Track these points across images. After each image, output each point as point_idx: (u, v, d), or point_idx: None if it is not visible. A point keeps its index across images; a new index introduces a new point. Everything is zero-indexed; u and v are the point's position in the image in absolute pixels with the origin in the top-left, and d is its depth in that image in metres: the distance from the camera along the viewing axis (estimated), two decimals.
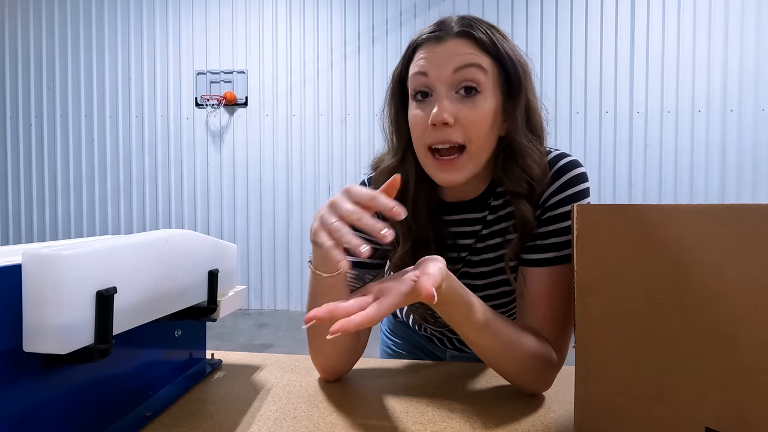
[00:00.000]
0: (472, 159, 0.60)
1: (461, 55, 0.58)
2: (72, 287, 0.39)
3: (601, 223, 0.44)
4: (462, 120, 0.58)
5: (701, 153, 3.74)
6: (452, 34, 0.59)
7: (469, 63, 0.58)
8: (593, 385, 0.46)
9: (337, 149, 4.05)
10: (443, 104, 0.58)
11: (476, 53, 0.59)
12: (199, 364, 0.71)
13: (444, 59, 0.59)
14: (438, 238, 0.67)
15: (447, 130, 0.58)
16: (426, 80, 0.59)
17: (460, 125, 0.58)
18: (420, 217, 0.66)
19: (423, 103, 0.61)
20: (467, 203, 0.68)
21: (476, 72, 0.58)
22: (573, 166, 0.63)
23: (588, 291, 0.45)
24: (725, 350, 0.38)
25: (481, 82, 0.58)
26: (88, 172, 4.23)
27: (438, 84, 0.59)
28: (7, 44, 4.23)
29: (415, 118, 0.61)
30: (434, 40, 0.60)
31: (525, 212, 0.61)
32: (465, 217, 0.69)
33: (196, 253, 0.61)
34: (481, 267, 0.69)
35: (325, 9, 4.04)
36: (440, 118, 0.57)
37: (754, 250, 0.36)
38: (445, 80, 0.58)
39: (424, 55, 0.60)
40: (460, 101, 0.59)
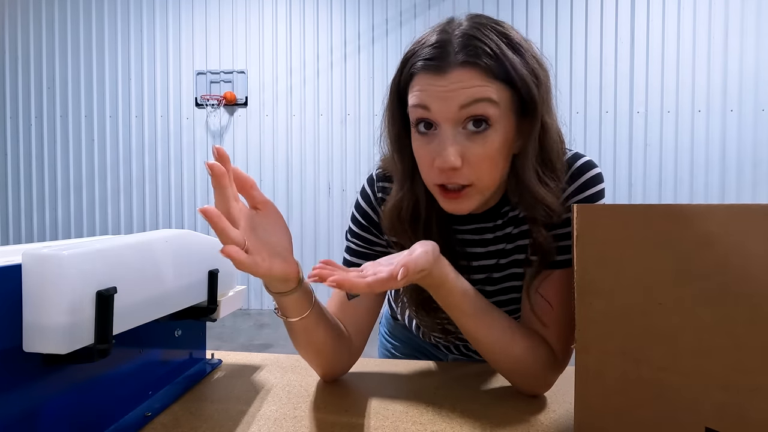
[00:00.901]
0: (480, 192, 0.56)
1: (468, 90, 0.51)
2: (72, 287, 0.39)
3: (601, 223, 0.44)
4: (470, 158, 0.53)
5: (701, 153, 3.74)
6: (455, 65, 0.51)
7: (477, 98, 0.51)
8: (593, 385, 0.45)
9: (337, 149, 4.05)
10: (448, 150, 0.52)
11: (484, 84, 0.51)
12: (199, 364, 0.71)
13: (447, 95, 0.52)
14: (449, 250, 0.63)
15: (454, 172, 0.53)
16: (429, 114, 0.53)
17: (468, 164, 0.53)
18: (432, 235, 0.63)
19: (427, 137, 0.55)
20: (478, 215, 0.66)
21: (485, 106, 0.51)
22: (590, 167, 0.61)
23: (588, 291, 0.45)
24: (725, 350, 0.38)
25: (492, 116, 0.52)
26: (88, 172, 4.23)
27: (443, 122, 0.53)
28: (7, 44, 4.23)
29: (419, 152, 0.57)
30: (434, 71, 0.52)
31: (543, 241, 0.58)
32: (477, 227, 0.67)
33: (196, 253, 0.61)
34: (494, 272, 0.68)
35: (325, 9, 4.04)
36: (447, 164, 0.52)
37: (754, 250, 0.36)
38: (451, 118, 0.52)
39: (422, 86, 0.53)
40: (468, 138, 0.53)
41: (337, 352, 0.63)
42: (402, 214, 0.62)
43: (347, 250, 0.71)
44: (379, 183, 0.69)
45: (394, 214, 0.63)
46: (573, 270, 0.59)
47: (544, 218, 0.58)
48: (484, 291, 0.68)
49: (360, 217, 0.70)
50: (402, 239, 0.64)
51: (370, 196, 0.69)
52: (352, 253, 0.70)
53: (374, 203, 0.68)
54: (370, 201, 0.69)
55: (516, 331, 0.59)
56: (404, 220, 0.62)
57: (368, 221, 0.69)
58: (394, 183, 0.64)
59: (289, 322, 0.56)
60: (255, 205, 0.50)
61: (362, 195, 0.70)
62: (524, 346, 0.58)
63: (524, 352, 0.58)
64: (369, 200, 0.69)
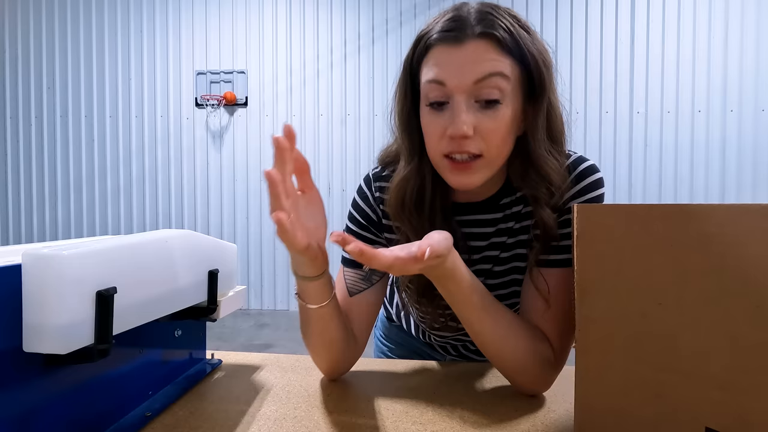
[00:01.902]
0: (488, 165, 0.57)
1: (483, 63, 0.53)
2: (72, 287, 0.39)
3: (601, 223, 0.44)
4: (481, 130, 0.55)
5: (701, 153, 3.74)
6: (472, 36, 0.54)
7: (492, 72, 0.53)
8: (593, 385, 0.45)
9: (337, 149, 4.05)
10: (462, 117, 0.54)
11: (498, 58, 0.54)
12: (199, 364, 0.71)
13: (464, 67, 0.54)
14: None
15: (465, 141, 0.55)
16: (443, 89, 0.55)
17: (479, 136, 0.55)
18: (436, 220, 0.64)
19: (439, 111, 0.57)
20: (479, 204, 0.66)
21: (499, 81, 0.54)
22: (592, 171, 0.62)
23: (588, 291, 0.45)
24: (725, 350, 0.38)
25: (504, 89, 0.54)
26: (88, 172, 4.23)
27: (456, 93, 0.54)
28: (7, 44, 4.23)
29: (430, 126, 0.58)
30: (452, 42, 0.54)
31: (546, 219, 0.59)
32: (477, 218, 0.67)
33: (196, 253, 0.61)
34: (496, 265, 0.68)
35: (325, 9, 4.04)
36: (460, 132, 0.54)
37: (753, 250, 0.36)
38: (465, 90, 0.54)
39: (439, 59, 0.55)
40: (480, 111, 0.55)
41: (345, 347, 0.64)
42: (407, 194, 0.63)
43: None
44: (377, 183, 0.69)
45: (399, 194, 0.63)
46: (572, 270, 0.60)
47: (546, 197, 0.59)
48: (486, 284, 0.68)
49: (359, 217, 0.70)
50: (405, 224, 0.64)
51: (368, 196, 0.69)
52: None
53: (372, 203, 0.69)
54: (368, 200, 0.69)
55: (519, 328, 0.59)
56: (409, 201, 0.63)
57: (367, 220, 0.69)
58: (401, 161, 0.65)
59: (307, 308, 0.57)
60: (303, 188, 0.53)
61: (360, 194, 0.70)
62: (526, 343, 0.58)
63: (526, 350, 0.58)
64: (367, 199, 0.69)
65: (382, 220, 0.69)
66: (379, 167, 0.70)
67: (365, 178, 0.71)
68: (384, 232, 0.69)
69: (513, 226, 0.66)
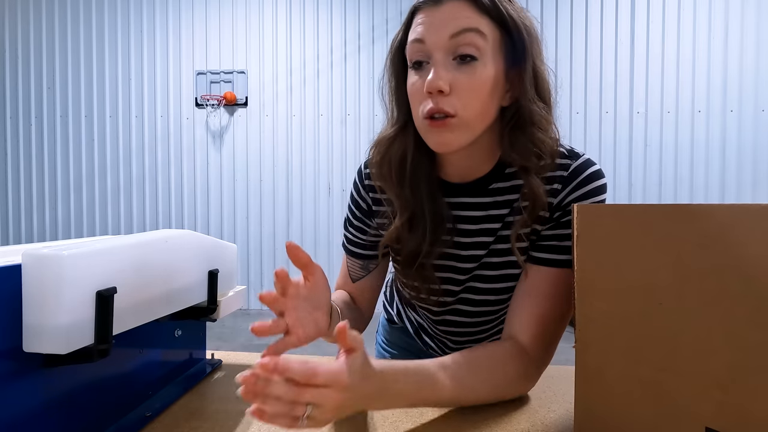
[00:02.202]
0: (464, 126, 0.57)
1: (458, 20, 0.55)
2: (72, 287, 0.39)
3: (601, 223, 0.44)
4: (458, 88, 0.56)
5: (701, 153, 3.74)
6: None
7: (466, 28, 0.55)
8: (593, 385, 0.45)
9: (337, 149, 4.05)
10: (438, 72, 0.55)
11: (475, 16, 0.56)
12: (199, 364, 0.71)
13: (440, 24, 0.56)
14: (435, 215, 0.65)
15: (441, 98, 0.56)
16: (423, 47, 0.57)
17: (455, 93, 0.56)
18: (417, 191, 0.65)
19: (420, 71, 0.58)
20: (470, 186, 0.65)
21: (474, 37, 0.55)
22: (598, 176, 0.61)
23: (588, 291, 0.45)
24: (725, 350, 0.38)
25: (480, 47, 0.56)
26: (88, 172, 4.22)
27: (434, 50, 0.56)
28: (7, 44, 4.23)
29: (413, 86, 0.59)
30: (432, 3, 0.57)
31: (535, 187, 0.59)
32: (466, 201, 0.66)
33: (196, 253, 0.61)
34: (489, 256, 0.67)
35: (325, 9, 4.04)
36: (435, 85, 0.55)
37: (754, 250, 0.36)
38: (442, 46, 0.56)
39: (421, 20, 0.58)
40: (457, 68, 0.56)
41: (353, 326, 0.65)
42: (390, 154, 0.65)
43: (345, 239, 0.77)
44: (366, 170, 0.71)
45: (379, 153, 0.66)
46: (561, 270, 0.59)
47: (535, 165, 0.59)
48: (478, 275, 0.68)
49: (353, 207, 0.74)
50: (388, 187, 0.66)
51: (359, 186, 0.74)
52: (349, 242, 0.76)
53: (362, 192, 0.72)
54: (359, 190, 0.73)
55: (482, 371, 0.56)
56: (392, 162, 0.65)
57: (360, 210, 0.73)
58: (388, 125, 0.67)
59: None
60: (307, 276, 0.54)
61: (353, 185, 0.75)
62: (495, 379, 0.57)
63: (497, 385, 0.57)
64: (358, 189, 0.73)
65: (372, 207, 0.72)
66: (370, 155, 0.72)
67: (358, 170, 0.74)
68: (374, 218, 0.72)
69: (506, 215, 0.64)
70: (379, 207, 0.71)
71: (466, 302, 0.71)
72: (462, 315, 0.72)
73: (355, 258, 0.76)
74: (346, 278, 0.77)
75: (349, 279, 0.76)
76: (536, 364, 0.60)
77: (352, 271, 0.76)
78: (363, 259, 0.75)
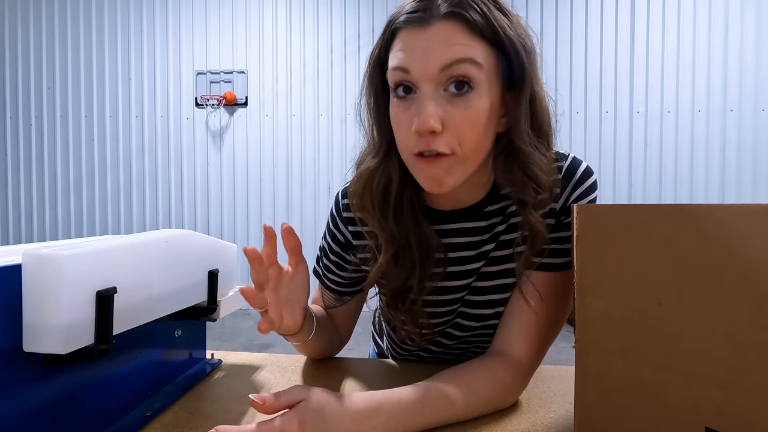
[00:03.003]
0: (461, 164, 0.52)
1: (449, 48, 0.48)
2: (72, 287, 0.39)
3: (601, 223, 0.44)
4: (451, 124, 0.49)
5: (701, 153, 3.74)
6: (438, 16, 0.48)
7: (460, 58, 0.48)
8: (593, 385, 0.45)
9: (337, 149, 4.05)
10: (428, 110, 0.48)
11: (468, 42, 0.48)
12: (199, 364, 0.71)
13: (429, 52, 0.48)
14: (423, 248, 0.60)
15: (433, 138, 0.49)
16: (408, 77, 0.50)
17: (449, 130, 0.49)
18: (403, 222, 0.59)
19: (405, 101, 0.51)
20: (464, 211, 0.61)
21: (468, 68, 0.48)
22: (590, 173, 0.60)
23: (588, 291, 0.45)
24: (725, 350, 0.38)
25: (475, 78, 0.49)
26: (88, 172, 4.22)
27: (421, 82, 0.49)
28: (7, 44, 4.23)
29: (397, 119, 0.53)
30: (417, 24, 0.49)
31: (535, 223, 0.55)
32: (461, 227, 0.62)
33: (196, 253, 0.61)
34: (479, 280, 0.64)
35: (325, 9, 4.04)
36: (426, 127, 0.48)
37: (753, 251, 0.36)
38: (431, 78, 0.49)
39: (404, 44, 0.50)
40: (449, 101, 0.49)
41: (328, 348, 0.73)
42: (373, 187, 0.58)
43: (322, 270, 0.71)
44: (344, 200, 0.66)
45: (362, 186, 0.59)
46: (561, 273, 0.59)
47: (533, 199, 0.55)
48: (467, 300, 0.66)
49: (331, 240, 0.69)
50: (371, 220, 0.60)
51: (337, 220, 0.68)
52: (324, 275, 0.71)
53: (341, 225, 0.67)
54: (337, 224, 0.68)
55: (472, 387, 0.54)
56: (374, 195, 0.59)
57: (337, 243, 0.68)
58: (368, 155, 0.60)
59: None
60: (293, 264, 0.54)
61: (330, 217, 0.69)
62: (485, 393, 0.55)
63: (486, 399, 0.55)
64: (336, 223, 0.68)
65: (351, 240, 0.67)
66: (348, 183, 0.67)
67: (335, 199, 0.68)
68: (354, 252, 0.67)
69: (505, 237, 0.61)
70: (359, 240, 0.66)
71: (456, 326, 0.69)
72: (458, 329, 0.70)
73: (329, 291, 0.71)
74: (321, 306, 0.74)
75: (324, 307, 0.73)
76: (529, 374, 0.59)
77: (327, 300, 0.72)
78: (338, 294, 0.71)
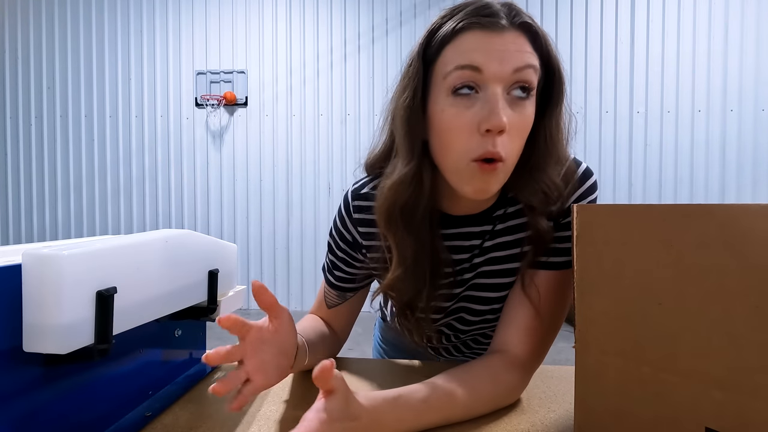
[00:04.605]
0: (507, 169, 0.53)
1: (522, 54, 0.50)
2: (72, 287, 0.39)
3: (601, 223, 0.44)
4: (512, 127, 0.50)
5: (701, 153, 3.74)
6: (511, 25, 0.50)
7: (529, 63, 0.50)
8: (593, 385, 0.45)
9: (337, 149, 4.05)
10: (501, 108, 0.49)
11: (532, 51, 0.51)
12: (199, 364, 0.71)
13: (504, 54, 0.49)
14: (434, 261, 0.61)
15: (499, 139, 0.50)
16: (478, 76, 0.50)
17: (508, 134, 0.50)
18: (422, 236, 0.59)
19: (466, 100, 0.50)
20: (475, 216, 0.62)
21: (532, 74, 0.51)
22: (590, 174, 0.60)
23: (588, 291, 0.45)
24: (725, 350, 0.38)
25: (533, 86, 0.51)
26: (88, 172, 4.22)
27: (493, 82, 0.50)
28: (7, 44, 4.23)
29: (456, 119, 0.51)
30: (490, 28, 0.50)
31: (541, 227, 0.56)
32: (467, 231, 0.63)
33: (196, 253, 0.61)
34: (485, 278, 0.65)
35: (325, 9, 4.04)
36: (500, 124, 0.48)
37: (753, 251, 0.36)
38: (503, 78, 0.50)
39: (474, 44, 0.50)
40: (511, 104, 0.51)
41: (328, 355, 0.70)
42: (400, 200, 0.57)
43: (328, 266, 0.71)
44: (355, 202, 0.65)
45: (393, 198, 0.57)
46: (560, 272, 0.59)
47: (541, 205, 0.56)
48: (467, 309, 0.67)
49: (338, 239, 0.68)
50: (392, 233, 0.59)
51: (346, 220, 0.66)
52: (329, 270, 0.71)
53: (350, 226, 0.66)
54: (346, 224, 0.66)
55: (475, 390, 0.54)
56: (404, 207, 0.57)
57: (345, 243, 0.68)
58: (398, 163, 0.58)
59: None
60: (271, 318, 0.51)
61: (338, 216, 0.68)
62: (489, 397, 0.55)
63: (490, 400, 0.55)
64: (344, 223, 0.67)
65: (360, 241, 0.66)
66: (359, 183, 0.67)
67: (344, 199, 0.67)
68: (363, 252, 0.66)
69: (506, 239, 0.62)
70: (369, 241, 0.65)
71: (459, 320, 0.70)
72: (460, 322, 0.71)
73: (333, 289, 0.71)
74: (321, 304, 0.73)
75: (325, 306, 0.73)
76: (530, 372, 0.60)
77: (328, 298, 0.72)
78: (341, 291, 0.71)
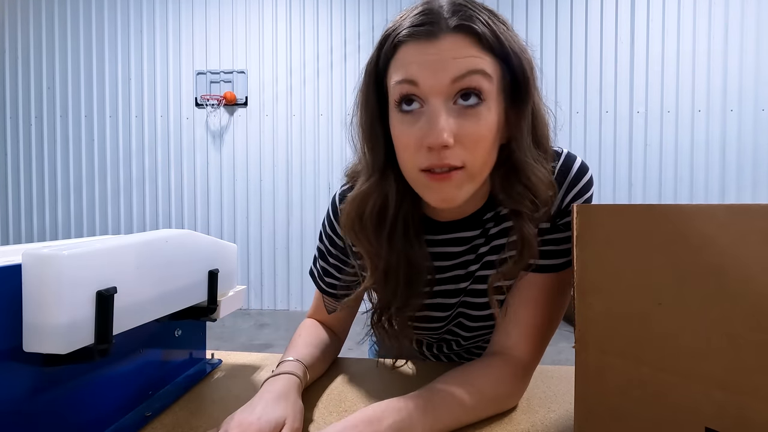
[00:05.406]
0: (472, 178, 0.51)
1: (461, 59, 0.47)
2: (72, 287, 0.39)
3: (601, 223, 0.44)
4: (463, 138, 0.48)
5: (701, 153, 3.74)
6: (447, 29, 0.47)
7: (472, 70, 0.47)
8: (593, 385, 0.45)
9: (337, 149, 4.05)
10: (441, 123, 0.46)
11: (478, 54, 0.47)
12: (199, 364, 0.71)
13: (439, 64, 0.47)
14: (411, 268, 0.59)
15: (445, 152, 0.48)
16: (417, 89, 0.48)
17: (461, 144, 0.48)
18: (395, 244, 0.57)
19: (411, 116, 0.49)
20: (463, 221, 0.61)
21: (480, 80, 0.47)
22: (585, 170, 0.59)
23: (588, 291, 0.45)
24: (725, 350, 0.38)
25: (485, 90, 0.48)
26: (88, 172, 4.22)
27: (431, 95, 0.47)
28: (7, 44, 4.23)
29: (402, 134, 0.50)
30: (424, 37, 0.47)
31: (527, 233, 0.54)
32: (457, 236, 0.62)
33: (196, 253, 0.61)
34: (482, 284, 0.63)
35: (325, 9, 4.04)
36: (440, 141, 0.46)
37: (753, 251, 0.36)
38: (441, 90, 0.47)
39: (410, 57, 0.48)
40: (460, 114, 0.48)
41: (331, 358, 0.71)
42: (366, 211, 0.56)
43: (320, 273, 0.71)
44: (341, 204, 0.63)
45: (354, 210, 0.57)
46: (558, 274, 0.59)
47: (529, 210, 0.54)
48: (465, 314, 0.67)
49: (328, 244, 0.68)
50: (361, 243, 0.58)
51: (334, 222, 0.66)
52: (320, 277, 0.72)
53: (338, 229, 0.66)
54: (334, 228, 0.66)
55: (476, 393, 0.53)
56: (367, 219, 0.57)
57: (334, 247, 0.68)
58: (360, 178, 0.58)
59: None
60: None
61: (327, 220, 0.68)
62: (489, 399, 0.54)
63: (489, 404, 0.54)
64: (333, 226, 0.67)
65: (351, 246, 0.64)
66: (346, 186, 0.66)
67: (332, 202, 0.67)
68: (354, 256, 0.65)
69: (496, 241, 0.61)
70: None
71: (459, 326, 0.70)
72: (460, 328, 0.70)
73: (328, 297, 0.71)
74: (320, 309, 0.73)
75: (323, 310, 0.73)
76: (530, 374, 0.59)
77: (328, 305, 0.72)
78: (337, 297, 0.69)
